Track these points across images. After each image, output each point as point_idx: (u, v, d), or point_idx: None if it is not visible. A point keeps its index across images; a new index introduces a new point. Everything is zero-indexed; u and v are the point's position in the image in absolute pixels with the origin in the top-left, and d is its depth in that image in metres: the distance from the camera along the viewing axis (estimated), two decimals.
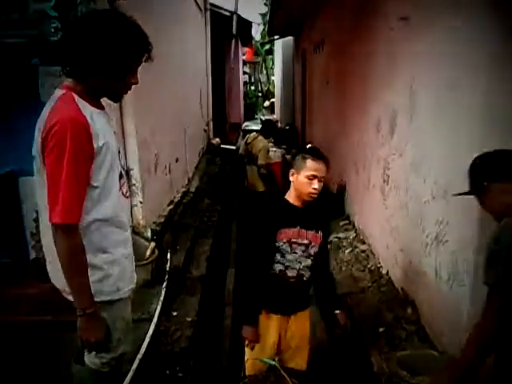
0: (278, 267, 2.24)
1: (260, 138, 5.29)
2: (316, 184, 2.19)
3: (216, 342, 3.50)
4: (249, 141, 5.39)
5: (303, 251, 2.25)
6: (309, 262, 2.27)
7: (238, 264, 2.03)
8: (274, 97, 18.39)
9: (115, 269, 1.66)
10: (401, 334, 2.94)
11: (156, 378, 2.60)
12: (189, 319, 3.18)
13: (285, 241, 2.21)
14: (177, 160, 5.85)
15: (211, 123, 10.13)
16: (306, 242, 2.24)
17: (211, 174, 7.98)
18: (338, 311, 2.39)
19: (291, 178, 2.25)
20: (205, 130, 9.27)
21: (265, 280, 2.26)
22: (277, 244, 2.21)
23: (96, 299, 1.58)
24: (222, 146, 10.08)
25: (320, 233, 2.28)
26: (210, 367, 3.17)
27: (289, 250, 2.23)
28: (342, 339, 3.19)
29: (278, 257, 2.23)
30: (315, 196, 2.20)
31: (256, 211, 2.36)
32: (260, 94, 21.15)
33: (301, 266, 2.26)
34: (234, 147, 10.15)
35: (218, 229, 5.52)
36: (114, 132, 1.68)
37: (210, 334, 3.49)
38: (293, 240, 2.22)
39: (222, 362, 3.25)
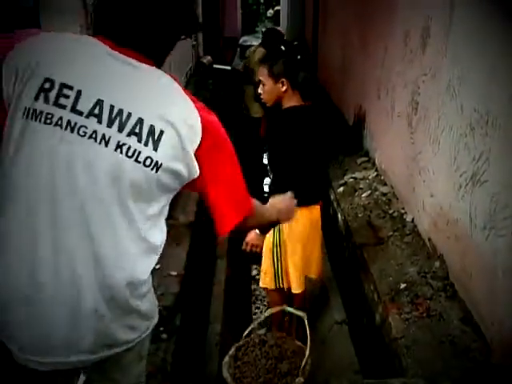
0: None
1: (260, 49, 5.15)
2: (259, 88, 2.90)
3: (206, 301, 3.58)
4: (247, 54, 5.27)
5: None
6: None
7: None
8: (279, 4, 17.81)
9: None
10: (425, 291, 3.00)
11: None
12: (174, 273, 3.23)
13: None
14: None
15: (201, 36, 9.87)
16: None
17: (201, 100, 7.85)
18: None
19: None
20: (193, 46, 9.05)
21: None
22: None
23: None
24: (214, 65, 9.87)
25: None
26: (200, 329, 3.27)
27: None
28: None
29: None
30: (264, 101, 2.90)
31: None
32: (262, 1, 20.52)
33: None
34: (229, 67, 9.95)
35: None
36: None
37: (198, 292, 3.57)
38: None
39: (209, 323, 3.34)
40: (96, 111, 1.26)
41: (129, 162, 1.27)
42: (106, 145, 1.26)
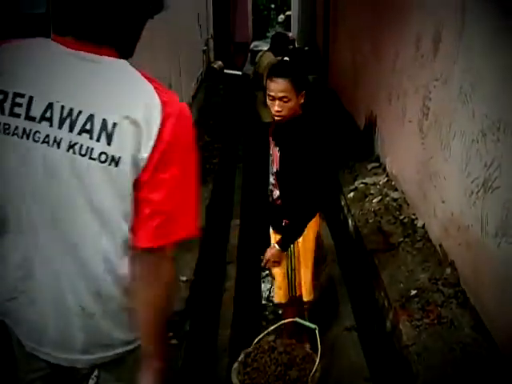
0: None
1: (268, 53, 5.16)
2: (276, 105, 2.53)
3: (215, 306, 3.58)
4: (256, 59, 5.29)
5: (272, 171, 2.79)
6: (272, 180, 2.80)
7: None
8: (290, 9, 17.84)
9: None
10: (436, 298, 2.98)
11: None
12: (184, 278, 3.24)
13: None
14: (169, 87, 5.76)
15: (212, 42, 9.90)
16: (273, 158, 2.76)
17: (212, 106, 7.89)
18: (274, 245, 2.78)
19: None
20: (204, 51, 9.08)
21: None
22: None
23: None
24: (225, 70, 9.89)
25: (278, 150, 2.70)
26: (209, 334, 3.27)
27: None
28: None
29: None
30: (279, 118, 2.58)
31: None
32: (273, 6, 20.57)
33: (270, 185, 2.81)
34: (240, 72, 9.98)
35: (219, 173, 5.53)
36: None
37: (208, 297, 3.57)
38: (271, 159, 2.80)
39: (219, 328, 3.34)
40: (47, 114, 1.25)
41: (83, 160, 1.24)
42: (58, 146, 1.24)
